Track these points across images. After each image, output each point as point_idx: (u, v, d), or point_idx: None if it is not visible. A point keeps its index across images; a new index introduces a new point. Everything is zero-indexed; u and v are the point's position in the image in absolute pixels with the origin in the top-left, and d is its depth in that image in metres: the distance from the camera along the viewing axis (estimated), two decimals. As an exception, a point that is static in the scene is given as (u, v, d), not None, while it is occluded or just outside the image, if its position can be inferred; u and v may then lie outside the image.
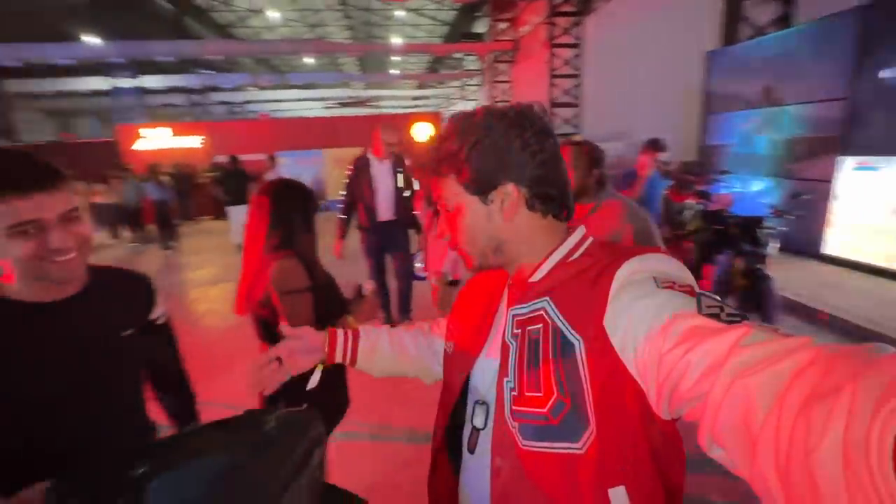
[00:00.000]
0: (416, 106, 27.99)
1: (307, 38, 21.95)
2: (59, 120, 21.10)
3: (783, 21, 5.89)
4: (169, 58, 14.44)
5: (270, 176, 6.28)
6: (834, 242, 4.74)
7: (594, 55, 11.50)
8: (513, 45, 16.31)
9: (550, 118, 0.68)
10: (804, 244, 4.94)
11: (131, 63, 14.65)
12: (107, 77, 15.45)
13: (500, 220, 0.64)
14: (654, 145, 3.16)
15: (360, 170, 3.27)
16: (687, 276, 0.56)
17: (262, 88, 22.60)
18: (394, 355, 0.85)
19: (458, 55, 21.83)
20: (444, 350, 0.81)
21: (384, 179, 3.27)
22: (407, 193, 3.37)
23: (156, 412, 1.07)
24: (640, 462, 0.55)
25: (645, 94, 8.95)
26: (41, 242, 0.74)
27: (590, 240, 0.67)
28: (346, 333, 0.84)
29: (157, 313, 1.03)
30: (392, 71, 27.08)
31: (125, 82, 15.74)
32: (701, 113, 6.53)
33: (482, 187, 0.63)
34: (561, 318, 0.58)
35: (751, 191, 4.23)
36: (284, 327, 0.82)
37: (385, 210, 3.29)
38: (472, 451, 0.68)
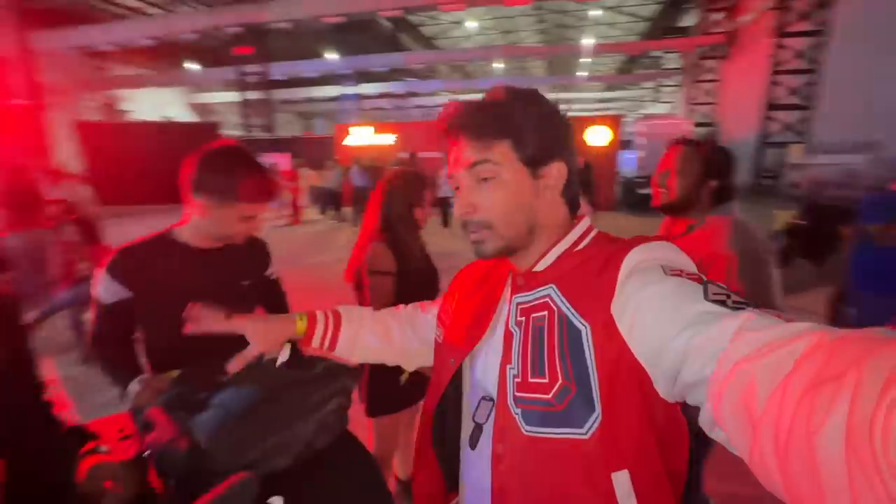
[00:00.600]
0: (599, 109, 26.56)
1: (496, 45, 23.00)
2: (304, 120, 27.23)
3: None
4: (382, 68, 17.03)
5: (442, 174, 6.87)
6: None
7: (844, 44, 8.95)
8: (727, 37, 13.96)
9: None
10: None
11: (354, 74, 17.83)
12: (336, 86, 19.16)
13: (544, 198, 0.62)
14: None
15: None
16: (692, 265, 0.57)
17: (454, 93, 24.67)
18: (376, 344, 0.82)
19: (655, 53, 19.85)
20: (435, 338, 0.78)
21: None
22: None
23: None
24: (643, 447, 0.55)
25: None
26: (250, 227, 1.11)
27: (595, 231, 0.66)
28: (326, 320, 0.79)
29: (271, 271, 1.29)
30: (579, 73, 26.21)
31: (349, 89, 19.27)
32: None
33: (538, 160, 0.61)
34: (567, 304, 0.58)
35: None
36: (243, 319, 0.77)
37: None
38: (473, 447, 0.67)
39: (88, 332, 1.10)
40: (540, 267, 0.63)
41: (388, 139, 12.85)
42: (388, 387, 1.45)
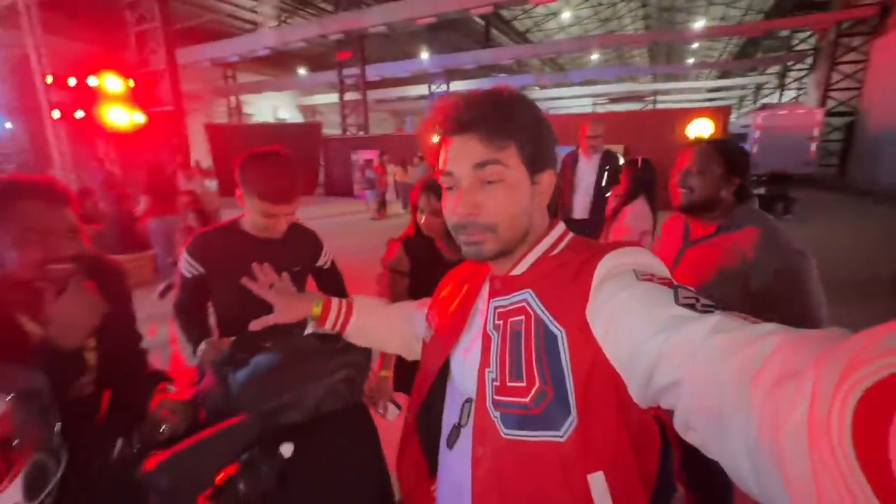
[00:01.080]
0: (710, 100, 23.95)
1: (593, 35, 21.87)
2: (398, 118, 28.59)
3: None
4: (471, 65, 17.21)
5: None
6: None
7: None
8: (879, 9, 11.73)
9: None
10: None
11: (445, 72, 18.26)
12: (428, 84, 19.81)
13: (538, 202, 0.64)
14: None
15: (566, 166, 3.27)
16: (663, 268, 0.57)
17: (543, 87, 24.03)
18: (379, 335, 0.91)
19: (783, 33, 17.33)
20: (424, 337, 0.82)
21: (585, 177, 3.18)
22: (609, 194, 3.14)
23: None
24: (618, 449, 0.57)
25: None
26: (275, 225, 1.25)
27: (570, 236, 0.67)
28: (339, 308, 0.88)
29: (322, 261, 1.46)
30: (688, 61, 23.85)
31: (440, 88, 19.80)
32: None
33: (537, 166, 0.62)
34: (543, 309, 0.59)
35: None
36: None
37: (580, 209, 3.22)
38: (450, 447, 0.69)
39: (173, 301, 1.36)
40: (517, 271, 0.65)
41: (473, 136, 13.05)
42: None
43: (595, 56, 24.77)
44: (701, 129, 9.85)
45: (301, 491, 0.84)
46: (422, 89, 20.97)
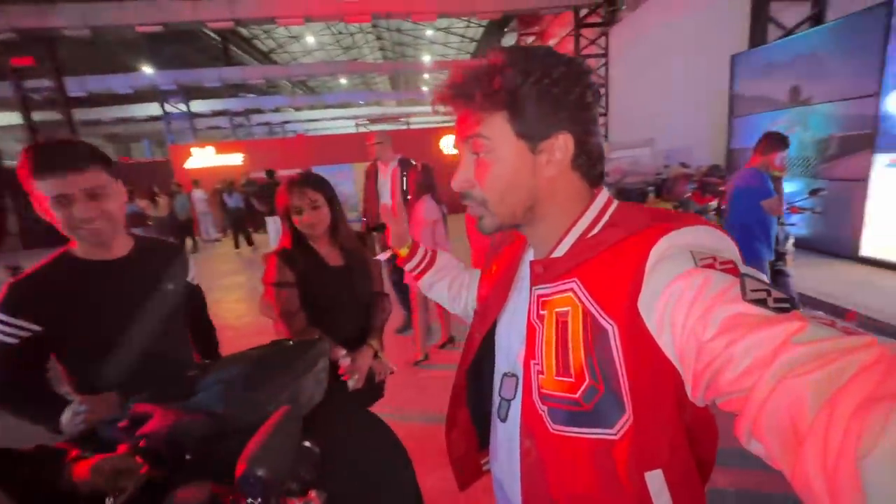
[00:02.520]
0: (446, 122, 28.50)
1: (341, 60, 23.06)
2: (119, 144, 23.03)
3: (813, 20, 5.79)
4: (216, 83, 15.54)
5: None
6: (870, 243, 4.56)
7: (620, 65, 11.51)
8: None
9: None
10: (840, 245, 4.79)
11: (182, 89, 15.88)
12: (160, 103, 16.80)
13: (545, 174, 0.58)
14: None
15: (369, 178, 3.56)
16: (728, 249, 0.51)
17: (298, 109, 23.79)
18: (445, 294, 0.93)
19: (486, 70, 22.27)
20: (474, 309, 0.82)
21: (387, 185, 3.50)
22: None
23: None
24: (676, 444, 0.53)
25: (671, 100, 8.89)
26: (70, 213, 0.92)
27: (614, 205, 0.61)
28: (423, 256, 0.93)
29: (191, 276, 1.26)
30: (423, 88, 27.86)
31: (176, 108, 17.05)
32: (727, 117, 6.45)
33: (536, 133, 0.56)
34: (592, 301, 0.54)
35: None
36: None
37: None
38: (503, 419, 0.67)
39: None
40: (559, 252, 0.60)
41: (236, 159, 11.93)
42: None
43: (343, 80, 26.05)
44: (451, 144, 11.82)
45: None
46: (152, 108, 17.61)
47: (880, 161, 4.38)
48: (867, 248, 4.58)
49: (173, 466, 0.69)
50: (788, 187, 3.80)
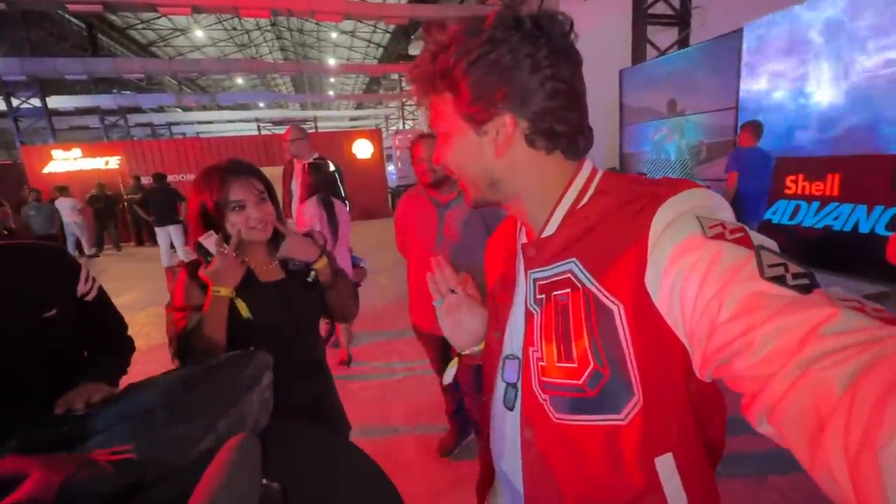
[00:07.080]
0: (353, 126, 27.93)
1: (237, 58, 21.36)
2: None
3: (681, 44, 6.70)
4: (80, 76, 13.35)
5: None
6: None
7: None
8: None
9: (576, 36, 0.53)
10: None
11: (35, 81, 13.34)
12: (4, 97, 13.93)
13: (491, 154, 0.54)
14: None
15: (284, 178, 3.45)
16: (727, 208, 0.47)
17: (187, 109, 21.52)
18: None
19: (395, 76, 22.21)
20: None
21: (298, 183, 3.36)
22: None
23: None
24: (685, 425, 0.51)
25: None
26: None
27: (600, 174, 0.57)
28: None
29: (84, 289, 0.99)
30: (329, 92, 26.95)
31: (29, 103, 14.27)
32: (618, 125, 7.18)
33: (477, 115, 0.53)
34: (593, 281, 0.50)
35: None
36: None
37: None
38: (511, 408, 0.62)
39: None
40: (548, 231, 0.57)
41: (111, 162, 10.42)
42: None
43: (241, 80, 24.17)
44: (364, 148, 11.55)
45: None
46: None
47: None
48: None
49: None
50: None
